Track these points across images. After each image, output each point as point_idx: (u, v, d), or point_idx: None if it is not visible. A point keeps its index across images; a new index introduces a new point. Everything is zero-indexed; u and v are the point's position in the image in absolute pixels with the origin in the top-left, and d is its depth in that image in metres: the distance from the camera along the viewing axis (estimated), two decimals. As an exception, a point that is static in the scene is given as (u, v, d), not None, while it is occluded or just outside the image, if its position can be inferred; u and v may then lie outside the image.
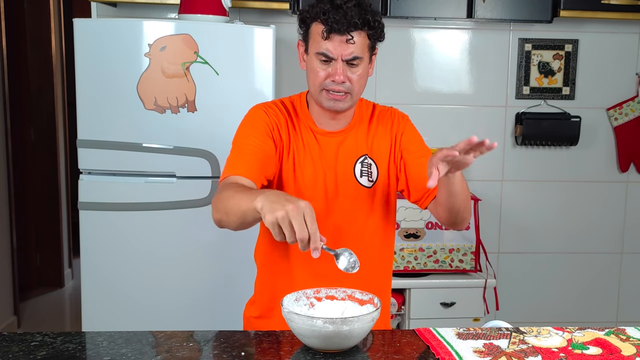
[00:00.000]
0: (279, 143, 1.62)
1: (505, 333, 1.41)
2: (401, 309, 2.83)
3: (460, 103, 3.25)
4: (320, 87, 1.58)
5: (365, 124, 1.70)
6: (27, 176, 4.49)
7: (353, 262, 1.40)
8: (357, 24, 1.52)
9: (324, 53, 1.54)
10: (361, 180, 1.66)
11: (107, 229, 2.54)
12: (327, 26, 1.51)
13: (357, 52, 1.55)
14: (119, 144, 2.50)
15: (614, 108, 3.29)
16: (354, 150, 1.67)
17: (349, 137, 1.67)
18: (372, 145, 1.69)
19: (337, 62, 1.54)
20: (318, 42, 1.54)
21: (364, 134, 1.69)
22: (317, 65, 1.56)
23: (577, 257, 3.39)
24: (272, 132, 1.61)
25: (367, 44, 1.58)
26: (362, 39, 1.55)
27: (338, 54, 1.53)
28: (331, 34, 1.51)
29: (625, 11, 2.94)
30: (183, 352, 1.33)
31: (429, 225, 2.79)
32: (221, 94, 2.50)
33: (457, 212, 1.60)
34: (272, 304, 1.70)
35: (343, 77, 1.55)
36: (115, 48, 2.46)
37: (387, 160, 1.70)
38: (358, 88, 1.59)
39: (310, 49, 1.58)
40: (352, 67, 1.56)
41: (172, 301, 2.57)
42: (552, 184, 3.33)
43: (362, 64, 1.58)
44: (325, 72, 1.56)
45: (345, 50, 1.53)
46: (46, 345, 1.34)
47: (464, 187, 1.57)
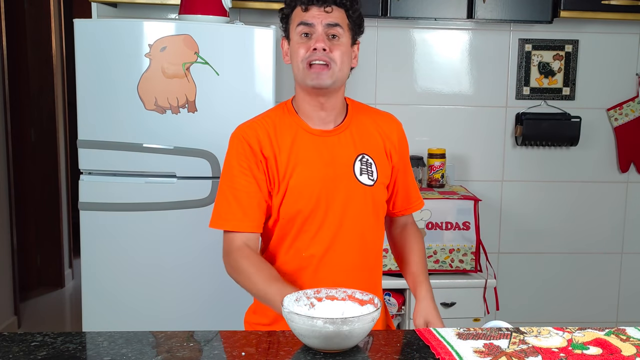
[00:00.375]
0: (264, 164, 1.62)
1: (505, 333, 1.41)
2: (401, 309, 2.83)
3: (460, 103, 3.25)
4: (303, 64, 1.58)
5: (361, 123, 1.70)
6: (28, 176, 4.49)
7: None
8: None
9: (303, 21, 1.58)
10: (361, 178, 1.65)
11: (107, 229, 2.54)
12: (307, 1, 1.57)
13: (337, 20, 1.58)
14: (120, 144, 2.50)
15: (614, 108, 3.29)
16: (352, 148, 1.67)
17: (345, 135, 1.67)
18: (369, 144, 1.69)
19: (317, 30, 1.57)
20: (299, 16, 1.59)
21: (361, 133, 1.69)
22: (299, 43, 1.59)
23: (577, 257, 3.39)
24: (256, 157, 1.61)
25: (347, 23, 1.61)
26: (341, 14, 1.59)
27: (317, 21, 1.57)
28: (310, 5, 1.57)
29: (625, 12, 2.94)
30: (183, 352, 1.33)
31: (429, 226, 2.79)
32: (221, 95, 2.50)
33: None
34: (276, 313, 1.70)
35: (324, 44, 1.57)
36: (116, 48, 2.47)
37: (385, 162, 1.71)
38: (340, 63, 1.60)
39: (292, 32, 1.61)
40: (333, 39, 1.58)
41: (172, 301, 2.57)
42: (552, 184, 3.33)
43: (344, 39, 1.60)
44: (307, 46, 1.58)
45: (325, 18, 1.57)
46: (46, 346, 1.34)
47: None
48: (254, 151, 1.61)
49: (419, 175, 3.07)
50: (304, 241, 1.64)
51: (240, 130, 1.65)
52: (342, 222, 1.65)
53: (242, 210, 1.61)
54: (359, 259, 1.68)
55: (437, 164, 3.06)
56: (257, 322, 1.73)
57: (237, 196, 1.61)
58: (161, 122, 2.49)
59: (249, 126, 1.65)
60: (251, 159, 1.61)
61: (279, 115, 1.67)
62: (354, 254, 1.67)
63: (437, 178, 3.06)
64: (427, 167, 3.10)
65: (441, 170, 3.06)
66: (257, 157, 1.61)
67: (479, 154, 3.28)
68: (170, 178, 2.53)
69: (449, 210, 2.80)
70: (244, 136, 1.63)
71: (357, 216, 1.66)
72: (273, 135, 1.63)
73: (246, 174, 1.61)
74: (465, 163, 3.27)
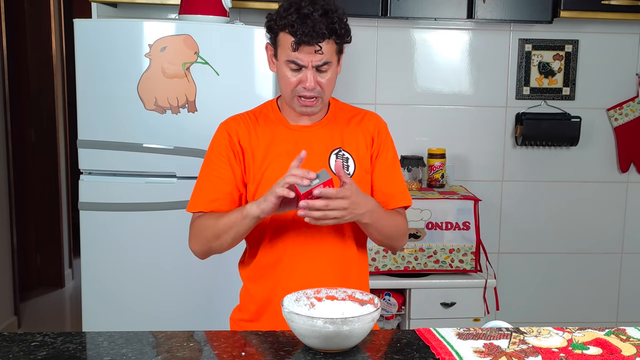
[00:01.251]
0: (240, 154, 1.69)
1: (505, 333, 1.41)
2: (401, 309, 2.84)
3: (460, 103, 3.25)
4: (292, 94, 1.63)
5: (342, 121, 1.74)
6: (28, 176, 4.49)
7: None
8: (325, 34, 1.57)
9: (294, 61, 1.59)
10: None
11: (107, 229, 2.54)
12: (296, 38, 1.55)
13: (326, 58, 1.60)
14: (120, 144, 2.50)
15: (614, 108, 3.29)
16: (329, 142, 1.71)
17: (323, 130, 1.71)
18: (348, 140, 1.72)
19: (307, 69, 1.59)
20: (287, 52, 1.59)
21: (340, 129, 1.73)
22: (288, 72, 1.61)
23: (577, 257, 3.39)
24: (234, 147, 1.69)
25: (334, 49, 1.62)
26: (330, 46, 1.60)
27: (308, 62, 1.58)
28: (300, 45, 1.56)
29: (625, 12, 2.95)
30: (183, 352, 1.33)
31: (429, 226, 2.79)
32: (221, 95, 2.50)
33: (381, 245, 1.74)
34: (261, 309, 1.73)
35: (314, 84, 1.60)
36: (116, 48, 2.47)
37: (365, 157, 1.73)
38: (328, 91, 1.65)
39: (279, 56, 1.63)
40: (321, 73, 1.61)
41: (172, 301, 2.57)
42: (552, 184, 3.33)
43: (331, 68, 1.63)
44: (297, 79, 1.61)
45: (315, 58, 1.58)
46: (46, 346, 1.34)
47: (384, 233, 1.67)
48: (233, 142, 1.69)
49: (419, 175, 3.07)
50: (280, 233, 1.68)
51: (225, 122, 1.75)
52: None
53: (214, 194, 1.68)
54: (337, 252, 1.71)
55: (437, 164, 3.06)
56: (240, 319, 1.78)
57: (211, 182, 1.68)
58: (161, 122, 2.49)
59: (233, 119, 1.74)
60: (229, 148, 1.69)
61: (264, 112, 1.75)
62: (331, 246, 1.70)
63: (437, 178, 3.06)
64: (427, 167, 3.10)
65: (441, 170, 3.06)
66: (235, 147, 1.69)
67: (479, 154, 3.28)
68: (170, 178, 2.53)
69: (449, 210, 2.80)
70: (226, 127, 1.72)
71: None
72: (253, 130, 1.71)
73: (223, 161, 1.69)
74: (465, 163, 3.27)
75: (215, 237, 1.63)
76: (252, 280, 1.75)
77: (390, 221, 1.67)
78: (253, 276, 1.75)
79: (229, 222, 1.60)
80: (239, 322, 1.78)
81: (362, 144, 1.72)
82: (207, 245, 1.67)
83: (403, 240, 1.77)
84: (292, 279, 1.67)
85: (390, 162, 1.75)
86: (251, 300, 1.75)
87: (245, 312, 1.77)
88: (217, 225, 1.62)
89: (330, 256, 1.70)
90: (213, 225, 1.63)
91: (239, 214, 1.58)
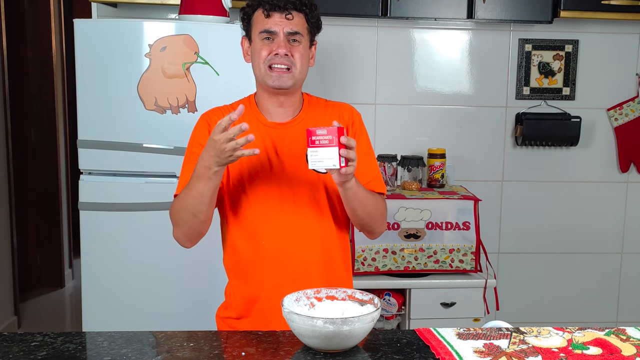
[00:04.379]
0: None
1: (505, 333, 1.41)
2: (401, 309, 2.84)
3: (460, 103, 3.25)
4: (264, 65, 1.68)
5: (317, 116, 1.77)
6: (28, 176, 4.49)
7: None
8: (295, 3, 1.67)
9: (266, 29, 1.67)
10: None
11: (107, 229, 2.54)
12: (268, 5, 1.66)
13: (298, 28, 1.68)
14: (120, 144, 2.50)
15: (614, 108, 3.29)
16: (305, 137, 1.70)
17: (299, 126, 1.74)
18: None
19: (278, 36, 1.67)
20: (261, 22, 1.68)
21: (315, 124, 1.74)
22: (261, 44, 1.68)
23: (577, 257, 3.39)
24: None
25: (306, 27, 1.70)
26: (301, 20, 1.69)
27: (279, 28, 1.66)
28: (272, 11, 1.66)
29: (625, 11, 2.94)
30: (183, 352, 1.33)
31: (429, 226, 2.79)
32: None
33: (362, 225, 1.74)
34: (248, 305, 1.75)
35: (285, 50, 1.66)
36: (116, 48, 2.47)
37: None
38: (300, 66, 1.69)
39: (253, 34, 1.70)
40: (293, 43, 1.68)
41: (172, 301, 2.57)
42: (552, 184, 3.33)
43: (303, 43, 1.69)
44: (269, 49, 1.67)
45: (286, 25, 1.67)
46: (46, 346, 1.34)
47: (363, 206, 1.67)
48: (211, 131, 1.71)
49: (419, 175, 3.07)
50: (261, 229, 1.71)
51: (205, 113, 1.79)
52: (297, 208, 1.71)
53: None
54: (320, 246, 1.73)
55: (437, 164, 3.06)
56: (227, 317, 1.79)
57: (190, 170, 1.68)
58: (161, 122, 2.49)
59: (213, 111, 1.79)
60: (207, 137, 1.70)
61: (246, 104, 1.75)
62: (314, 241, 1.72)
63: (437, 178, 3.06)
64: (427, 167, 3.10)
65: (441, 170, 3.06)
66: None
67: (479, 154, 3.28)
68: (170, 178, 2.53)
69: (449, 210, 2.80)
70: (206, 118, 1.76)
71: (312, 202, 1.72)
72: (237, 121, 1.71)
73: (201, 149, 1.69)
74: (465, 163, 3.27)
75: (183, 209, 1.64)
76: (237, 276, 1.77)
77: (369, 195, 1.69)
78: (237, 272, 1.77)
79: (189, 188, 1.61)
80: (227, 320, 1.79)
81: None
82: (182, 223, 1.67)
83: (383, 223, 1.78)
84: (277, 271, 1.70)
85: (364, 151, 1.77)
86: (238, 296, 1.76)
87: (232, 310, 1.78)
88: (181, 199, 1.64)
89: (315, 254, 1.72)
90: (180, 200, 1.66)
91: (193, 177, 1.59)
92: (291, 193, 1.70)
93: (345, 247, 1.82)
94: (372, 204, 1.70)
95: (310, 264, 1.72)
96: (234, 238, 1.75)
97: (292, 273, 1.70)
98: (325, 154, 1.49)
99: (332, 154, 1.48)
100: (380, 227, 1.78)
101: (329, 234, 1.75)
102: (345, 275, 1.82)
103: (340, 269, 1.79)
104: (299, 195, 1.71)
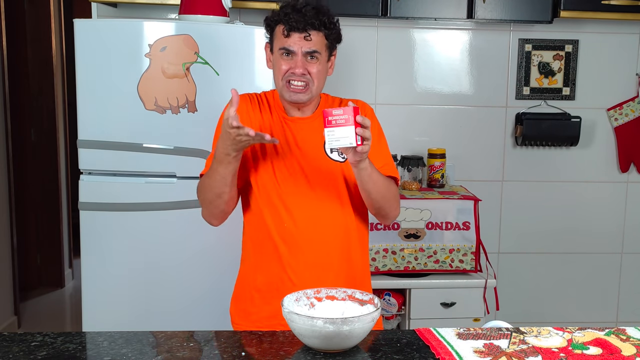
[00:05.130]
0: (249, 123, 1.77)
1: (505, 333, 1.41)
2: (401, 309, 2.84)
3: (460, 103, 3.25)
4: (283, 80, 1.74)
5: None
6: (28, 176, 4.49)
7: None
8: (315, 24, 1.71)
9: (285, 48, 1.72)
10: (332, 155, 1.79)
11: (107, 229, 2.54)
12: (288, 25, 1.71)
13: (315, 47, 1.73)
14: (120, 144, 2.50)
15: (614, 108, 3.29)
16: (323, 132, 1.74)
17: (317, 121, 1.78)
18: None
19: (297, 55, 1.72)
20: (281, 40, 1.74)
21: None
22: (280, 59, 1.74)
23: (577, 257, 3.39)
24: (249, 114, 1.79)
25: (324, 43, 1.75)
26: (320, 38, 1.74)
27: (297, 48, 1.72)
28: (291, 32, 1.71)
29: (625, 11, 2.94)
30: (183, 352, 1.33)
31: (429, 226, 2.79)
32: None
33: (377, 208, 1.79)
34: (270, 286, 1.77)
35: (302, 69, 1.72)
36: (116, 48, 2.47)
37: None
38: (317, 82, 1.75)
39: (274, 48, 1.77)
40: (311, 61, 1.73)
41: (172, 301, 2.57)
42: (552, 184, 3.33)
43: (321, 60, 1.75)
44: (287, 65, 1.73)
45: (304, 45, 1.72)
46: (46, 346, 1.34)
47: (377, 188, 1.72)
48: (247, 109, 1.80)
49: (419, 175, 3.07)
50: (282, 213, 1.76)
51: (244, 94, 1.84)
52: (318, 194, 1.76)
53: None
54: (341, 233, 1.78)
55: (437, 164, 3.06)
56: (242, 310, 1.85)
57: None
58: (161, 122, 2.49)
59: (251, 96, 1.86)
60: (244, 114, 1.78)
61: (270, 98, 1.86)
62: (334, 229, 1.77)
63: (437, 178, 3.06)
64: (427, 167, 3.10)
65: (441, 170, 3.06)
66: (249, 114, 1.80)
67: (479, 154, 3.28)
68: (170, 178, 2.53)
69: (449, 210, 2.80)
70: (243, 99, 1.81)
71: (333, 191, 1.77)
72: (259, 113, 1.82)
73: None
74: (465, 163, 3.27)
75: (207, 190, 1.72)
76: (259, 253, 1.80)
77: (383, 178, 1.74)
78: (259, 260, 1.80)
79: (212, 171, 1.69)
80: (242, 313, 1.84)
81: None
82: (207, 203, 1.75)
83: (397, 207, 1.83)
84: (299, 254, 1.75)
85: (377, 138, 1.81)
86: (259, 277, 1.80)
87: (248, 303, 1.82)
88: (205, 181, 1.73)
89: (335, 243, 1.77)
90: (204, 182, 1.74)
91: (214, 162, 1.68)
92: (314, 181, 1.77)
93: (364, 237, 1.86)
94: (385, 187, 1.74)
95: (331, 250, 1.77)
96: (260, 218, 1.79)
97: (313, 257, 1.75)
98: (342, 133, 1.53)
99: (349, 132, 1.52)
100: (395, 210, 1.82)
101: (350, 222, 1.80)
102: (362, 264, 1.86)
103: (358, 257, 1.83)
104: (321, 184, 1.77)
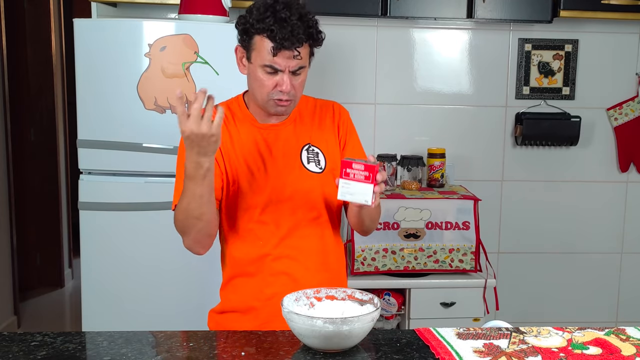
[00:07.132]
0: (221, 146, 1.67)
1: (505, 333, 1.41)
2: (401, 309, 2.83)
3: (460, 103, 3.25)
4: (267, 97, 1.63)
5: (307, 116, 1.77)
6: (27, 176, 4.49)
7: None
8: (303, 39, 1.58)
9: (271, 66, 1.59)
10: (309, 166, 1.72)
11: (107, 229, 2.54)
12: (275, 43, 1.56)
13: (302, 63, 1.62)
14: (119, 144, 2.50)
15: (614, 108, 3.29)
16: (298, 139, 1.74)
17: (291, 128, 1.73)
18: (315, 135, 1.75)
19: (284, 73, 1.60)
20: (264, 56, 1.59)
21: (307, 125, 1.75)
22: (263, 76, 1.61)
23: (577, 257, 3.39)
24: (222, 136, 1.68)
25: (308, 52, 1.64)
26: (306, 50, 1.62)
27: (285, 67, 1.59)
28: (279, 50, 1.56)
29: (625, 11, 2.94)
30: (183, 352, 1.33)
31: (429, 225, 2.79)
32: (221, 94, 2.47)
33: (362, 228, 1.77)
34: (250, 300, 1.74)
35: (290, 87, 1.61)
36: (116, 48, 2.47)
37: (333, 149, 1.76)
38: (299, 93, 1.67)
39: (254, 59, 1.62)
40: (296, 76, 1.62)
41: (172, 301, 2.57)
42: (552, 184, 3.33)
43: (305, 71, 1.65)
44: (273, 82, 1.61)
45: (292, 63, 1.59)
46: (46, 345, 1.34)
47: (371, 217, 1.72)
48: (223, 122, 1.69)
49: (418, 175, 3.07)
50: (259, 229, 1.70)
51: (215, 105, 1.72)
52: (293, 205, 1.70)
53: None
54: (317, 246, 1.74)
55: (437, 164, 3.06)
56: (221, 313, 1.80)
57: None
58: (161, 121, 2.49)
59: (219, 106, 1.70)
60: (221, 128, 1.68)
61: (234, 107, 1.75)
62: (312, 241, 1.73)
63: (437, 178, 3.06)
64: (427, 167, 3.09)
65: (441, 170, 3.06)
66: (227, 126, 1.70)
67: (479, 153, 3.28)
68: (170, 178, 2.52)
69: (448, 210, 2.80)
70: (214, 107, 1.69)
71: (309, 202, 1.71)
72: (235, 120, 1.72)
73: None
74: (465, 163, 3.26)
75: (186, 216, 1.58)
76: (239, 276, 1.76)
77: None
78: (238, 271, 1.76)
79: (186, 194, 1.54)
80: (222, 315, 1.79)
81: (330, 135, 1.77)
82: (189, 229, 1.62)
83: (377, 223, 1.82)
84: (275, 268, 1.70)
85: (359, 148, 1.79)
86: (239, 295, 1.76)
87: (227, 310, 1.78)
88: (182, 207, 1.58)
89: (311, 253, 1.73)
90: (180, 208, 1.59)
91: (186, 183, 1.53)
92: (287, 191, 1.70)
93: (340, 248, 1.83)
94: (377, 212, 1.72)
95: (308, 262, 1.72)
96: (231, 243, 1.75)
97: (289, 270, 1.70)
98: (359, 189, 1.47)
99: (366, 190, 1.47)
100: (375, 227, 1.81)
101: (327, 234, 1.76)
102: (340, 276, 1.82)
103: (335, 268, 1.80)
104: (294, 194, 1.70)
